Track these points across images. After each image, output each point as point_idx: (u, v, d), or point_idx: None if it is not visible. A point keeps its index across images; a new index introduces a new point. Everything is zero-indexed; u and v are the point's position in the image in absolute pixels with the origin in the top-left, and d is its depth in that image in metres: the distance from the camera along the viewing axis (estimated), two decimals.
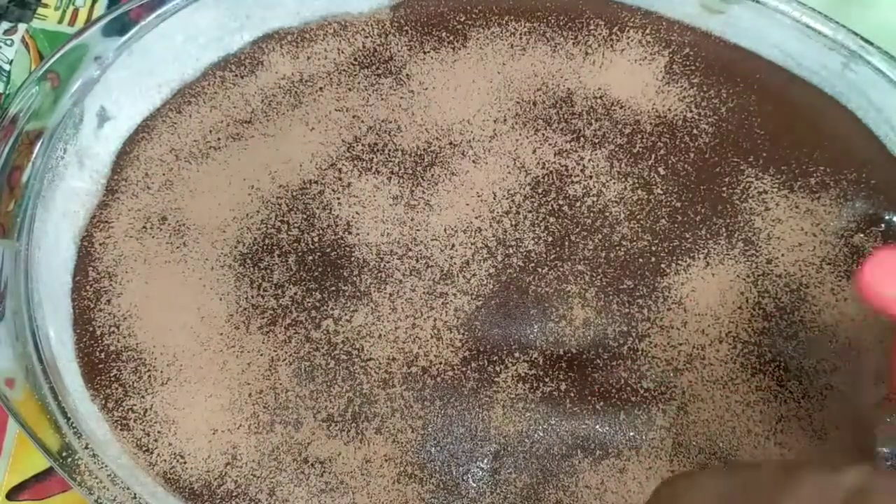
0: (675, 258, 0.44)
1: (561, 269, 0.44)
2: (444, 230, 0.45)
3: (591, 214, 0.45)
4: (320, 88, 0.49)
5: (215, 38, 0.49)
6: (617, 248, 0.44)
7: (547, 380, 0.41)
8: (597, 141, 0.47)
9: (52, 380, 0.39)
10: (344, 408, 0.41)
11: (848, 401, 0.41)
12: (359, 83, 0.49)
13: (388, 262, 0.44)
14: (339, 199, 0.45)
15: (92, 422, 0.40)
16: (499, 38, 0.51)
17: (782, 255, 0.44)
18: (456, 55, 0.50)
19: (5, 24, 0.56)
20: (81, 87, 0.45)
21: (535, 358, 0.42)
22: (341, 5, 0.51)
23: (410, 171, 0.46)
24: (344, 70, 0.50)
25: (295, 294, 0.43)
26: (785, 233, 0.45)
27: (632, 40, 0.50)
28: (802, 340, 0.42)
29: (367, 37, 0.51)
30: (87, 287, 0.43)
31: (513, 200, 0.45)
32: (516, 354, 0.42)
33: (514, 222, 0.45)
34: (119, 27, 0.46)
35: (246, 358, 0.42)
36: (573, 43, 0.50)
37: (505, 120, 0.48)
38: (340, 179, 0.46)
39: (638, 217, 0.45)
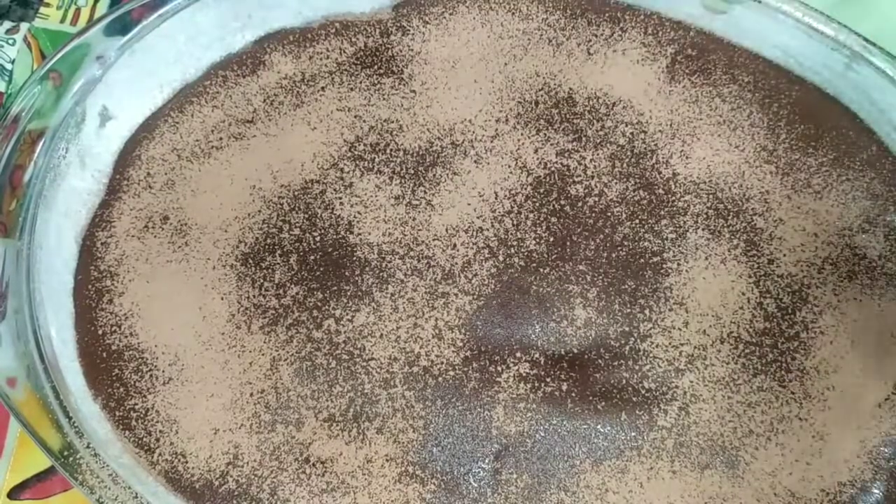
0: (676, 258, 0.44)
1: (562, 269, 0.44)
2: (446, 230, 0.45)
3: (593, 214, 0.45)
4: (322, 88, 0.49)
5: (217, 38, 0.49)
6: (619, 248, 0.44)
7: (548, 380, 0.41)
8: (598, 141, 0.47)
9: (53, 379, 0.39)
10: (345, 407, 0.41)
11: (849, 401, 0.41)
12: (360, 83, 0.49)
13: (389, 262, 0.44)
14: (340, 198, 0.45)
15: (93, 421, 0.40)
16: (500, 37, 0.51)
17: (784, 255, 0.44)
18: (458, 55, 0.50)
19: (7, 24, 0.56)
20: (83, 86, 0.45)
21: (537, 358, 0.42)
22: (343, 5, 0.51)
23: (412, 171, 0.46)
24: (346, 70, 0.50)
25: (296, 294, 0.43)
26: (787, 233, 0.45)
27: (634, 40, 0.50)
28: (804, 341, 0.42)
29: (368, 37, 0.51)
30: (89, 286, 0.44)
31: (514, 200, 0.45)
32: (518, 354, 0.42)
33: (515, 222, 0.45)
34: (121, 27, 0.46)
35: (247, 357, 0.42)
36: (575, 43, 0.50)
37: (507, 120, 0.48)
38: (342, 179, 0.46)
39: (640, 217, 0.45)
